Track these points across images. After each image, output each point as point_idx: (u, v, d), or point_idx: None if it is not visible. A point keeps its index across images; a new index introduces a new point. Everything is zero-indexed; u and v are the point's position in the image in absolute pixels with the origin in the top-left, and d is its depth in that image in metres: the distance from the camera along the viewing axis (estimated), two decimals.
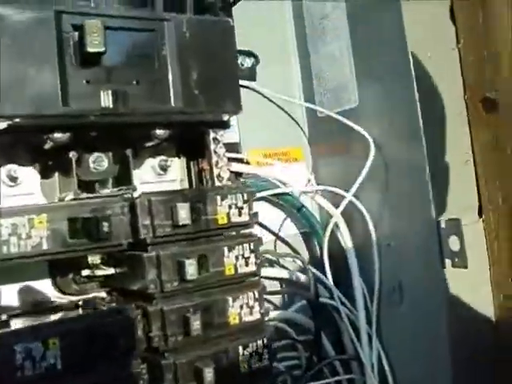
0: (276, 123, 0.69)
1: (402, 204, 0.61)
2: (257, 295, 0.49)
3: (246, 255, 0.49)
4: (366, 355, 0.62)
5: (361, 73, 0.64)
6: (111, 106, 0.45)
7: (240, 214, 0.49)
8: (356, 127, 0.62)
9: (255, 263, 0.49)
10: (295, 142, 0.70)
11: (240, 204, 0.49)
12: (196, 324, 0.45)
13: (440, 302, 0.58)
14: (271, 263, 0.65)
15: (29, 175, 0.50)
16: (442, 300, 0.58)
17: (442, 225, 0.58)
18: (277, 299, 0.66)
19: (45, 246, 0.42)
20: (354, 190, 0.62)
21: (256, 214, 0.51)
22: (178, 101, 0.47)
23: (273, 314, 0.63)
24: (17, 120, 0.42)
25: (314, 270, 0.64)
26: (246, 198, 0.49)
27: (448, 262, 0.58)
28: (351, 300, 0.65)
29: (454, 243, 0.57)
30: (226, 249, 0.48)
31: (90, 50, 0.43)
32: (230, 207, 0.49)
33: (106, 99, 0.45)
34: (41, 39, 0.42)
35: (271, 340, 0.51)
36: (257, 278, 0.50)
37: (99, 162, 0.51)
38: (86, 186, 0.50)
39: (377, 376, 0.62)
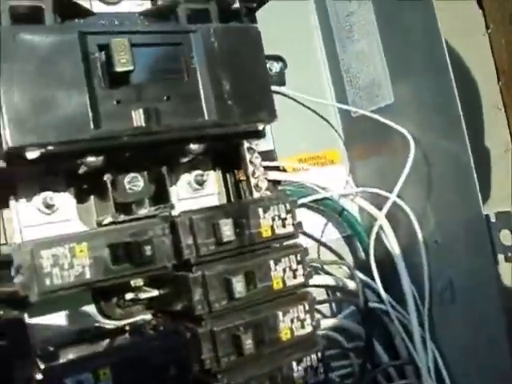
0: (309, 127, 0.67)
1: (447, 199, 0.59)
2: (307, 307, 0.48)
3: (294, 267, 0.47)
4: (421, 359, 0.60)
5: (394, 68, 0.61)
6: (143, 124, 0.44)
7: (284, 225, 0.48)
8: (393, 125, 0.60)
9: (303, 274, 0.48)
10: (330, 145, 0.69)
11: (283, 215, 0.48)
12: (248, 343, 0.44)
13: (496, 300, 0.55)
14: (316, 270, 0.64)
15: (64, 201, 0.49)
16: (497, 297, 0.55)
17: (492, 219, 0.55)
18: (325, 307, 0.64)
19: (88, 275, 0.41)
20: (397, 189, 0.59)
21: (300, 223, 0.49)
22: (211, 113, 0.46)
23: (322, 322, 0.61)
24: (49, 148, 0.41)
25: (361, 275, 0.62)
26: (288, 207, 0.48)
27: (501, 257, 0.55)
28: (401, 303, 0.62)
29: (505, 237, 0.55)
30: (272, 262, 0.47)
31: (119, 69, 0.42)
32: (273, 219, 0.47)
33: (138, 118, 0.43)
34: (67, 62, 0.41)
35: (325, 352, 0.49)
36: (306, 289, 0.49)
37: (135, 182, 0.49)
38: (123, 207, 0.49)
39: (434, 379, 0.60)
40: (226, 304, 0.44)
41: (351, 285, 0.62)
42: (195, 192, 0.55)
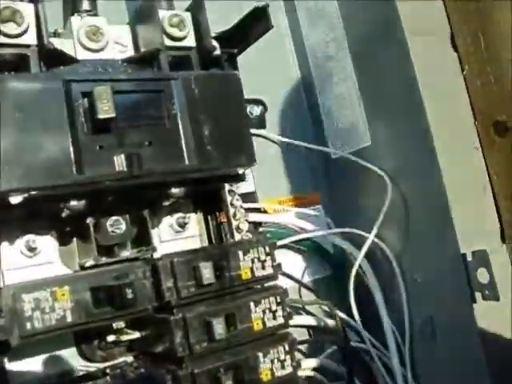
0: (290, 168, 0.69)
1: (425, 239, 0.60)
2: (287, 348, 0.48)
3: (273, 308, 0.48)
4: None
5: (371, 111, 0.64)
6: (125, 169, 0.45)
7: (263, 267, 0.49)
8: (371, 166, 0.62)
9: (283, 316, 0.49)
10: (311, 186, 0.70)
11: (263, 257, 0.49)
12: None
13: (475, 337, 0.56)
14: (297, 310, 0.64)
15: (47, 244, 0.49)
16: (476, 335, 0.56)
17: (469, 257, 0.57)
18: (307, 347, 0.65)
19: (69, 319, 0.41)
20: (375, 230, 0.61)
21: (279, 265, 0.50)
22: (191, 159, 0.47)
23: (304, 362, 0.61)
24: (32, 193, 0.41)
25: (342, 314, 0.63)
26: (268, 250, 0.49)
27: (478, 294, 0.56)
28: (382, 341, 0.63)
29: (482, 275, 0.56)
30: (252, 304, 0.47)
31: (101, 116, 0.43)
32: (252, 261, 0.48)
33: (120, 163, 0.44)
34: (52, 109, 0.42)
35: None
36: (286, 330, 0.49)
37: (117, 225, 0.50)
38: (106, 250, 0.49)
39: None
40: (206, 346, 0.45)
41: (332, 324, 0.63)
42: (177, 234, 0.55)
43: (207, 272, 0.45)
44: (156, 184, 0.48)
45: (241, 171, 0.51)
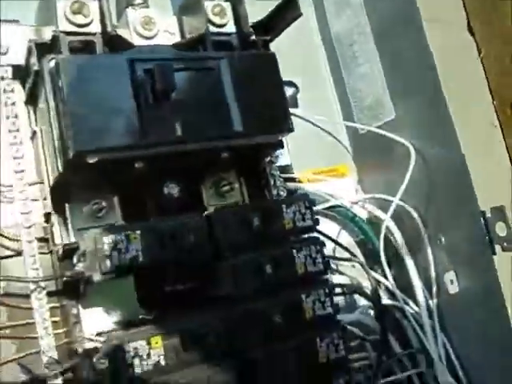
0: (321, 144, 0.75)
1: (447, 201, 0.66)
2: (327, 291, 0.54)
3: (313, 256, 0.54)
4: (431, 346, 0.66)
5: (393, 88, 0.70)
6: (182, 134, 0.51)
7: (304, 219, 0.55)
8: (395, 137, 0.68)
9: (322, 262, 0.55)
10: (340, 160, 0.76)
11: (303, 210, 0.54)
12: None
13: (496, 286, 0.62)
14: (332, 271, 0.70)
15: (112, 206, 0.55)
16: (497, 284, 0.62)
17: (488, 214, 0.62)
18: (341, 305, 0.70)
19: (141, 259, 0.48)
20: (400, 194, 0.67)
21: (317, 219, 0.56)
22: (238, 125, 0.54)
23: (341, 317, 0.66)
24: (105, 154, 0.48)
25: (374, 273, 0.69)
26: (307, 204, 0.55)
27: (498, 247, 0.62)
28: (412, 298, 0.69)
29: (501, 229, 0.62)
30: (295, 251, 0.53)
31: (161, 87, 0.50)
32: (294, 213, 0.54)
33: (178, 129, 0.51)
34: (120, 83, 0.49)
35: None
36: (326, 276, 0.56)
37: (173, 189, 0.57)
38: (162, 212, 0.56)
39: (445, 364, 0.65)
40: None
41: (365, 283, 0.69)
42: (222, 200, 0.61)
43: (256, 221, 0.51)
44: (208, 150, 0.54)
45: (280, 137, 0.57)
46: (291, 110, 0.70)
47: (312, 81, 0.77)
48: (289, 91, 0.72)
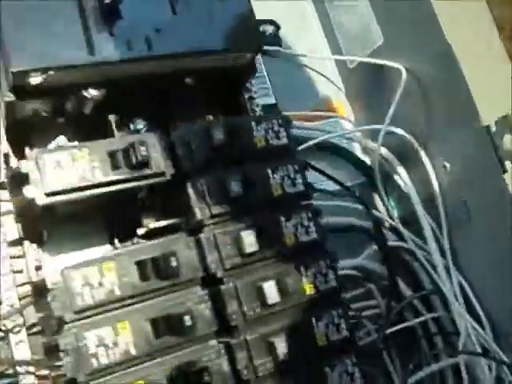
0: (307, 82, 0.70)
1: (448, 123, 0.60)
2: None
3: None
4: (445, 285, 0.60)
5: (380, 10, 0.64)
6: (135, 54, 0.47)
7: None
8: (386, 62, 0.63)
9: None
10: (332, 97, 0.71)
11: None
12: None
13: (509, 207, 0.55)
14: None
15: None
16: (510, 204, 0.55)
17: (493, 128, 0.56)
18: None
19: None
20: (388, 118, 0.61)
21: (294, 139, 0.51)
22: (200, 42, 0.49)
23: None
24: (50, 73, 0.44)
25: (378, 214, 0.63)
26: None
27: (508, 163, 0.56)
28: (420, 237, 0.63)
29: (509, 142, 0.55)
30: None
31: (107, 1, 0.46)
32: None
33: (130, 46, 0.47)
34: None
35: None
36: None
37: (138, 124, 0.52)
38: None
39: (462, 303, 0.59)
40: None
41: (369, 224, 0.63)
42: None
43: (219, 135, 0.46)
44: (170, 73, 0.50)
45: (249, 56, 0.52)
46: (273, 48, 0.67)
47: (294, 17, 0.72)
48: (269, 29, 0.67)
